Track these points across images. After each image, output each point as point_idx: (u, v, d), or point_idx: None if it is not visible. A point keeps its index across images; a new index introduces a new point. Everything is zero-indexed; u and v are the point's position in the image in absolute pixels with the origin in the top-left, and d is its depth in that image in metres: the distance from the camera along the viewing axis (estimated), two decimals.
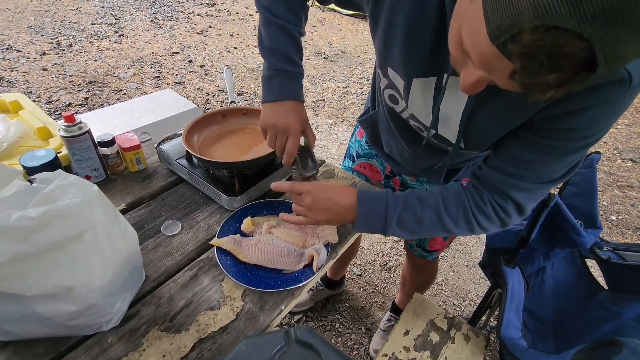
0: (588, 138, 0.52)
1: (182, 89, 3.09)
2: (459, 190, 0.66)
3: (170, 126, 1.87)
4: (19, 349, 0.59)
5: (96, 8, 4.53)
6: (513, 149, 0.58)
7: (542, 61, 0.33)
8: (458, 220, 0.65)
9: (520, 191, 0.60)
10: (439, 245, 1.05)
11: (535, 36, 0.32)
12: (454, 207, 0.65)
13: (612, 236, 2.06)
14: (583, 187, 1.01)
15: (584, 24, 0.29)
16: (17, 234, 0.48)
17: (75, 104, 2.72)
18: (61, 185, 0.55)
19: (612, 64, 0.32)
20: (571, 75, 0.33)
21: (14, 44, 3.45)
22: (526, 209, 0.63)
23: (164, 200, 0.90)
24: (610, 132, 2.99)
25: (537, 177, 0.58)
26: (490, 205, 0.63)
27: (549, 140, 0.54)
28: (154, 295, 0.69)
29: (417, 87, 0.64)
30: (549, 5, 0.30)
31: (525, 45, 0.33)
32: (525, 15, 0.31)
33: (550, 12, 0.30)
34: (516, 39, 0.33)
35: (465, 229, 0.66)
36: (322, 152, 2.57)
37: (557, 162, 0.56)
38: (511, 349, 0.92)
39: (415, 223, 0.66)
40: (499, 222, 0.64)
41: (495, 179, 0.61)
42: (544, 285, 1.17)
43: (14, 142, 0.95)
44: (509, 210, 0.62)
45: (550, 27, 0.31)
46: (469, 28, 0.39)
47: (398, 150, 0.86)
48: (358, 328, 1.53)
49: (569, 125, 0.51)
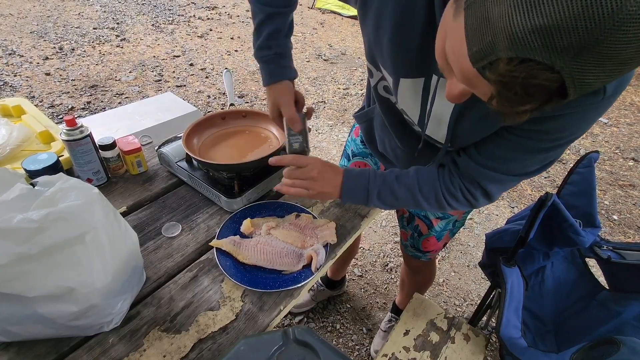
0: (562, 139, 0.56)
1: (183, 92, 3.10)
2: (434, 173, 0.71)
3: (171, 129, 1.89)
4: (21, 350, 0.60)
5: (98, 12, 4.57)
6: (492, 145, 0.62)
7: (517, 91, 0.35)
8: (430, 200, 0.71)
9: (492, 181, 0.65)
10: (432, 246, 1.05)
11: (510, 67, 0.33)
12: (426, 188, 0.71)
13: (614, 236, 2.06)
14: (582, 187, 1.01)
15: (555, 57, 0.31)
16: (19, 236, 0.49)
17: (78, 107, 2.74)
18: (62, 188, 0.56)
19: (580, 91, 0.34)
20: (543, 102, 0.36)
21: (17, 49, 3.48)
22: (494, 195, 0.68)
23: (164, 203, 0.91)
24: (612, 131, 2.98)
25: (511, 170, 0.63)
26: (460, 190, 0.69)
27: (525, 140, 0.57)
28: (155, 296, 0.70)
29: (406, 87, 0.65)
30: (523, 38, 0.31)
31: (500, 74, 0.35)
32: (501, 44, 0.33)
33: (524, 45, 0.32)
34: (493, 66, 0.35)
35: (436, 207, 0.73)
36: (323, 153, 2.58)
37: (530, 158, 0.60)
38: (511, 348, 0.92)
39: (392, 198, 0.73)
40: (467, 204, 0.70)
41: (472, 168, 0.65)
42: (544, 285, 1.17)
43: (16, 146, 0.96)
44: (477, 196, 0.68)
45: (524, 59, 0.32)
46: (452, 44, 0.41)
47: (392, 148, 0.87)
48: (359, 329, 1.54)
49: (544, 127, 0.54)
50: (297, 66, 3.77)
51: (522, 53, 0.32)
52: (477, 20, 0.35)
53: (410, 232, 1.06)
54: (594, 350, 0.78)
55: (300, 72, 3.68)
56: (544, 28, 0.30)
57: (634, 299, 0.97)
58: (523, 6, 0.31)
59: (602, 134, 2.96)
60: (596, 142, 2.85)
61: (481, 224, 2.09)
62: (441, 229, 1.00)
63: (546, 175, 2.48)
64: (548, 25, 0.30)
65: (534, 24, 0.31)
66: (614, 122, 3.12)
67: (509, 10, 0.32)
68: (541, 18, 0.30)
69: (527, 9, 0.31)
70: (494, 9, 0.33)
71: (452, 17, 0.40)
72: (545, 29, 0.30)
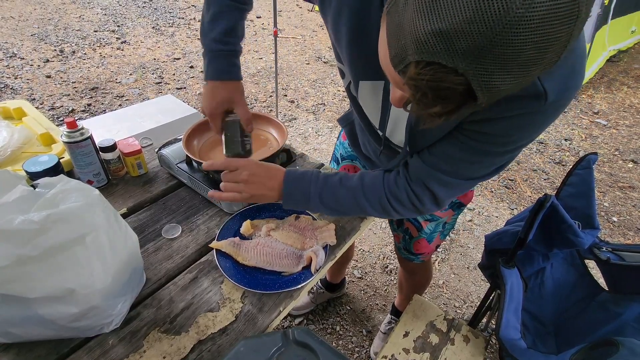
0: (508, 145, 0.56)
1: (183, 94, 3.11)
2: (378, 177, 0.69)
3: (171, 131, 1.89)
4: (22, 351, 0.60)
5: (99, 15, 4.59)
6: (443, 145, 0.61)
7: (426, 93, 0.36)
8: (374, 205, 0.69)
9: (440, 184, 0.64)
10: (423, 248, 1.05)
11: (418, 70, 0.34)
12: (370, 192, 0.69)
13: (613, 237, 2.06)
14: (580, 188, 1.01)
15: (457, 60, 0.32)
16: (20, 237, 0.50)
17: (78, 110, 2.75)
18: (63, 190, 0.56)
19: (489, 94, 0.35)
20: (456, 105, 0.36)
21: (18, 52, 3.50)
22: (443, 200, 0.66)
23: (164, 204, 0.91)
24: (611, 133, 2.99)
25: (459, 173, 0.62)
26: (405, 193, 0.67)
27: (472, 142, 0.57)
28: (155, 298, 0.70)
29: (365, 89, 0.65)
30: (426, 42, 0.32)
31: (410, 77, 0.36)
32: (410, 48, 0.34)
33: (428, 49, 0.33)
34: (406, 70, 0.36)
35: (381, 212, 0.70)
36: (323, 155, 2.58)
37: (478, 162, 0.60)
38: (510, 349, 0.92)
39: (335, 203, 0.70)
40: (413, 208, 0.68)
41: (421, 169, 0.64)
42: (544, 287, 1.17)
43: (17, 148, 0.97)
44: (424, 200, 0.66)
45: (429, 62, 0.33)
46: (381, 50, 0.41)
47: (372, 150, 0.86)
48: (359, 331, 1.53)
49: (488, 130, 0.54)
50: (297, 68, 3.79)
51: (427, 56, 0.33)
52: (393, 26, 0.36)
53: (402, 235, 1.06)
54: (594, 351, 0.78)
55: (300, 75, 3.69)
56: (444, 32, 0.31)
57: (633, 301, 0.97)
58: (425, 11, 0.32)
59: (601, 135, 2.96)
60: (595, 144, 2.86)
61: (481, 226, 2.10)
62: (431, 231, 1.00)
63: (545, 177, 2.48)
64: (447, 29, 0.31)
65: (434, 28, 0.32)
66: (613, 124, 3.12)
67: (414, 15, 0.33)
68: (440, 22, 0.31)
69: (428, 14, 0.32)
70: (404, 14, 0.34)
71: (381, 24, 0.41)
72: (445, 32, 0.31)
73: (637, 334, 0.93)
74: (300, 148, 2.59)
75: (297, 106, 3.17)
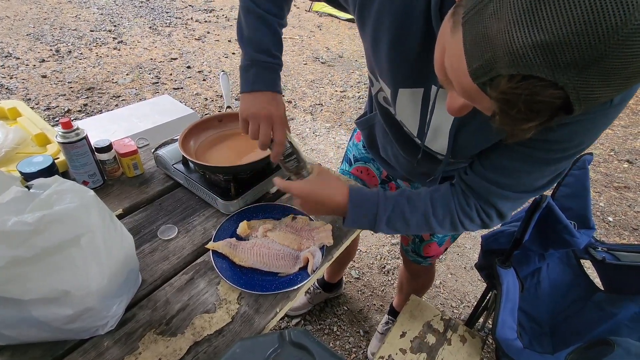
0: (569, 150, 0.54)
1: (180, 95, 3.10)
2: (448, 195, 0.68)
3: (168, 131, 1.88)
4: (16, 353, 0.60)
5: (95, 15, 4.56)
6: (496, 157, 0.60)
7: (519, 108, 0.33)
8: (444, 223, 0.68)
9: (502, 199, 0.63)
10: (433, 251, 1.05)
11: (512, 84, 0.32)
12: (441, 211, 0.67)
13: (609, 237, 2.07)
14: (576, 188, 1.02)
15: (558, 74, 0.30)
16: (14, 238, 0.49)
17: (74, 110, 2.74)
18: (58, 191, 0.56)
19: (586, 106, 0.33)
20: (547, 119, 0.34)
21: (13, 52, 3.47)
22: (507, 215, 0.66)
23: (160, 205, 0.91)
24: (607, 133, 3.00)
25: (519, 185, 0.60)
26: (475, 210, 0.66)
27: (531, 150, 0.55)
28: (150, 299, 0.70)
29: (404, 97, 0.64)
30: (524, 55, 0.30)
31: (502, 91, 0.33)
32: (502, 61, 0.32)
33: (526, 62, 0.30)
34: (494, 83, 0.34)
35: (449, 229, 0.69)
36: (320, 156, 2.58)
37: (537, 171, 0.57)
38: (506, 349, 0.92)
39: (403, 223, 0.69)
40: (481, 223, 0.68)
41: (480, 186, 0.63)
42: (540, 287, 1.18)
43: (12, 149, 0.96)
44: (492, 215, 0.66)
45: (525, 76, 0.31)
46: (450, 60, 0.39)
47: (393, 154, 0.86)
48: (356, 331, 1.53)
49: (550, 137, 0.52)
50: (295, 69, 3.79)
51: (524, 70, 0.31)
52: (476, 36, 0.34)
53: (412, 237, 1.06)
54: (589, 351, 0.78)
55: (297, 75, 3.69)
56: (546, 44, 0.29)
57: (629, 300, 0.97)
58: (523, 22, 0.30)
59: None
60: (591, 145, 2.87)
61: None
62: (443, 235, 1.00)
63: None
64: (550, 42, 0.29)
65: (535, 40, 0.29)
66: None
67: (509, 26, 0.31)
68: (542, 34, 0.29)
69: (527, 25, 0.29)
70: (493, 24, 0.32)
71: (449, 31, 0.38)
72: (547, 45, 0.29)
73: (632, 333, 0.94)
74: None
75: (295, 106, 3.17)
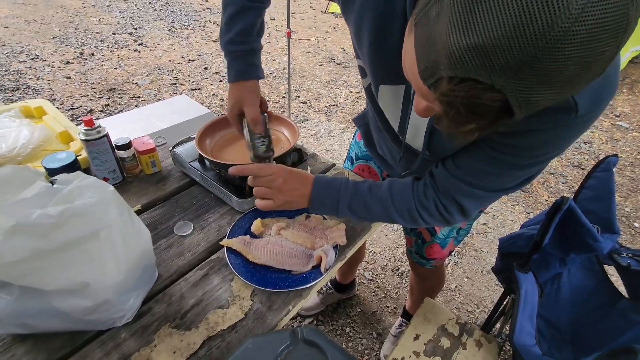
0: (539, 157, 0.54)
1: (197, 95, 3.16)
2: (408, 187, 0.69)
3: (185, 130, 1.92)
4: (37, 343, 0.62)
5: (117, 18, 4.70)
6: (470, 158, 0.60)
7: (459, 109, 0.34)
8: (403, 214, 0.68)
9: (467, 196, 0.63)
10: (436, 253, 1.03)
11: (451, 86, 0.33)
12: (399, 202, 0.68)
13: (635, 243, 1.99)
14: (600, 191, 0.98)
15: (494, 76, 0.30)
16: (37, 231, 0.51)
17: (97, 110, 2.82)
18: (79, 186, 0.58)
19: (527, 109, 0.33)
20: (490, 121, 0.34)
21: (40, 54, 3.61)
22: (471, 212, 0.65)
23: (177, 202, 0.92)
24: (634, 136, 2.89)
25: (488, 186, 0.60)
26: (434, 203, 0.66)
27: (502, 155, 0.55)
28: (166, 294, 0.71)
29: (386, 93, 0.65)
30: (460, 57, 0.31)
31: (443, 93, 0.34)
32: (442, 64, 0.32)
33: (462, 64, 0.31)
34: (438, 85, 0.34)
35: (410, 222, 0.70)
36: (335, 156, 2.58)
37: (507, 174, 0.58)
38: (524, 356, 0.89)
39: (365, 211, 0.70)
40: (441, 218, 0.67)
41: (448, 182, 0.63)
42: (561, 292, 1.14)
43: (37, 146, 0.99)
44: (452, 211, 0.65)
45: (463, 78, 0.32)
46: (407, 61, 0.40)
47: (388, 150, 0.86)
48: (369, 333, 1.52)
49: (520, 143, 0.53)
50: (310, 70, 3.80)
51: (461, 72, 0.31)
52: (422, 38, 0.35)
53: (414, 239, 1.05)
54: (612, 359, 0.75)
55: (313, 76, 3.70)
56: (480, 47, 0.30)
57: None
58: (459, 24, 0.30)
59: (623, 139, 2.87)
60: (617, 148, 2.77)
61: (495, 230, 2.05)
62: (445, 236, 0.98)
63: (563, 181, 2.42)
64: (483, 44, 0.29)
65: (470, 43, 0.30)
66: (635, 126, 3.02)
67: (447, 29, 0.31)
68: (476, 37, 0.29)
69: (463, 27, 0.30)
70: (435, 26, 0.33)
71: (407, 33, 0.39)
72: (481, 47, 0.29)
73: None
74: (312, 149, 2.59)
75: (310, 107, 3.18)
